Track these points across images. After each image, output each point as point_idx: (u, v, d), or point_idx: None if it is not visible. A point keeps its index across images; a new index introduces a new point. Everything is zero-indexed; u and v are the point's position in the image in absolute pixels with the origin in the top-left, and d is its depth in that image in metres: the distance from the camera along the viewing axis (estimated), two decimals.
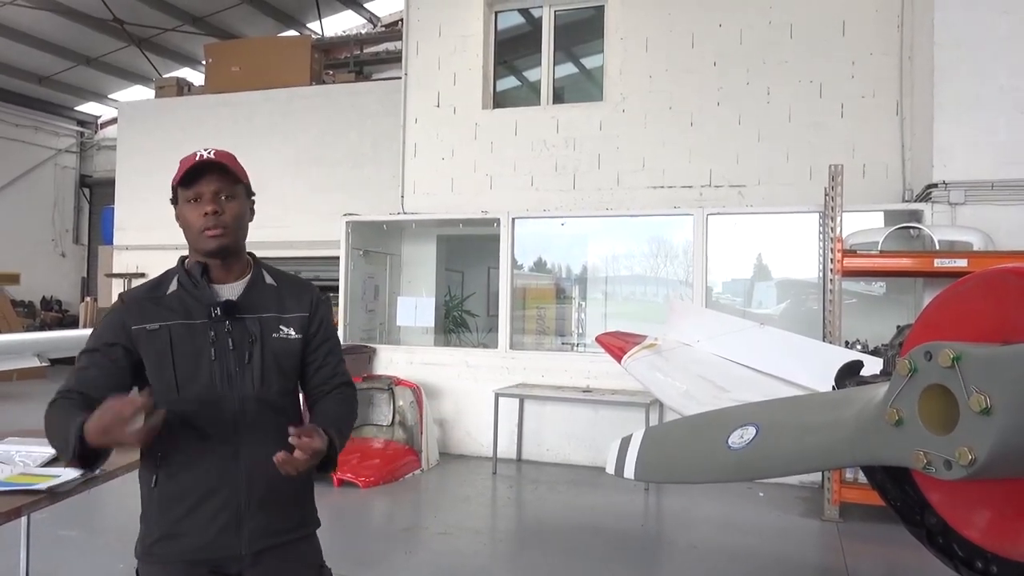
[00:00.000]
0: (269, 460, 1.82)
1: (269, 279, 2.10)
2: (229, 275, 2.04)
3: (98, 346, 1.97)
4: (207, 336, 1.95)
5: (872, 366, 1.99)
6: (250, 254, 2.14)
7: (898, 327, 3.82)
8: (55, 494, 2.70)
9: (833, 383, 1.89)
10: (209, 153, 1.96)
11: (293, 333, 2.04)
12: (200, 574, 1.97)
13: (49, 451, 3.17)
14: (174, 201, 2.03)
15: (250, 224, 2.12)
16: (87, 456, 1.76)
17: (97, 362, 1.95)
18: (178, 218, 2.04)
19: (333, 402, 2.07)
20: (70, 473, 2.87)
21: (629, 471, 1.91)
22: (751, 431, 1.57)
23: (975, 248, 5.94)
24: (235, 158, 2.03)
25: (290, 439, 1.76)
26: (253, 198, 2.12)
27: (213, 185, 1.96)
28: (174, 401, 1.90)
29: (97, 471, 1.94)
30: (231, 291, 2.03)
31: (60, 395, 1.92)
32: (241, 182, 2.02)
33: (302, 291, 2.13)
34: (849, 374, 1.88)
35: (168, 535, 1.95)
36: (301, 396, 2.17)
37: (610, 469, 2.02)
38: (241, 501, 1.95)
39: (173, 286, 2.03)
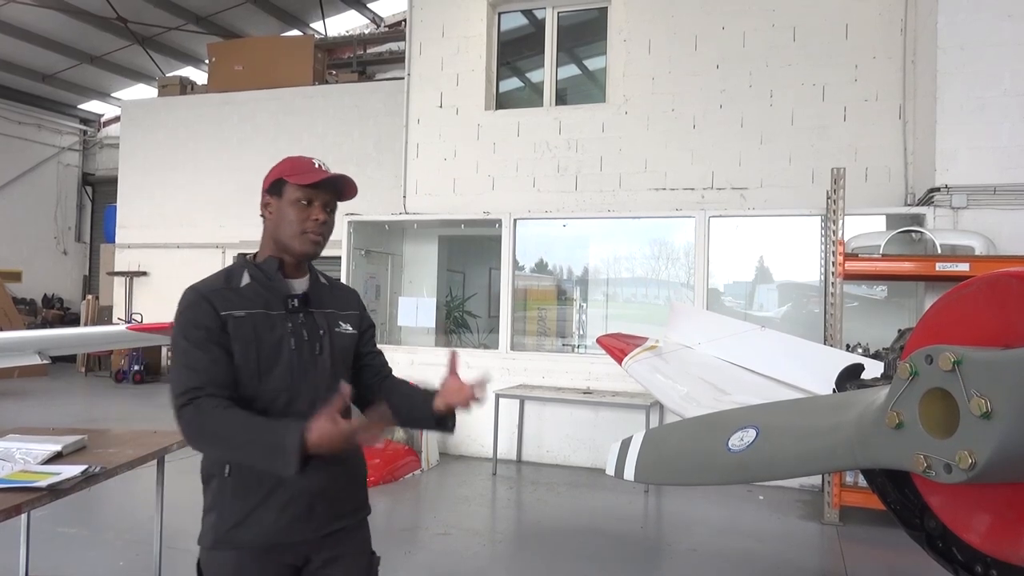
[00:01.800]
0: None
1: (323, 280, 2.25)
2: (297, 272, 2.15)
3: (198, 334, 1.97)
4: (285, 327, 2.05)
5: (873, 370, 1.99)
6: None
7: (899, 331, 3.82)
8: (55, 491, 2.71)
9: (834, 386, 1.89)
10: (327, 168, 2.11)
11: (350, 328, 2.20)
12: (272, 559, 2.02)
13: (50, 448, 3.18)
14: (274, 192, 2.10)
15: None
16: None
17: (209, 355, 1.96)
18: (269, 207, 2.11)
19: (396, 379, 2.33)
20: (69, 471, 2.87)
21: (629, 473, 1.91)
22: (751, 433, 1.57)
23: (977, 252, 5.94)
24: (351, 179, 2.16)
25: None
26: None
27: (327, 196, 2.10)
28: (256, 388, 1.99)
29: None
30: (299, 286, 2.15)
31: (196, 395, 1.90)
32: (340, 200, 2.18)
33: (349, 291, 2.33)
34: (850, 377, 1.87)
35: (244, 522, 1.99)
36: None
37: (610, 471, 2.02)
38: (315, 488, 2.02)
39: (245, 279, 2.09)
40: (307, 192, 2.06)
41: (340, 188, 2.13)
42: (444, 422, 2.22)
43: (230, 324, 1.99)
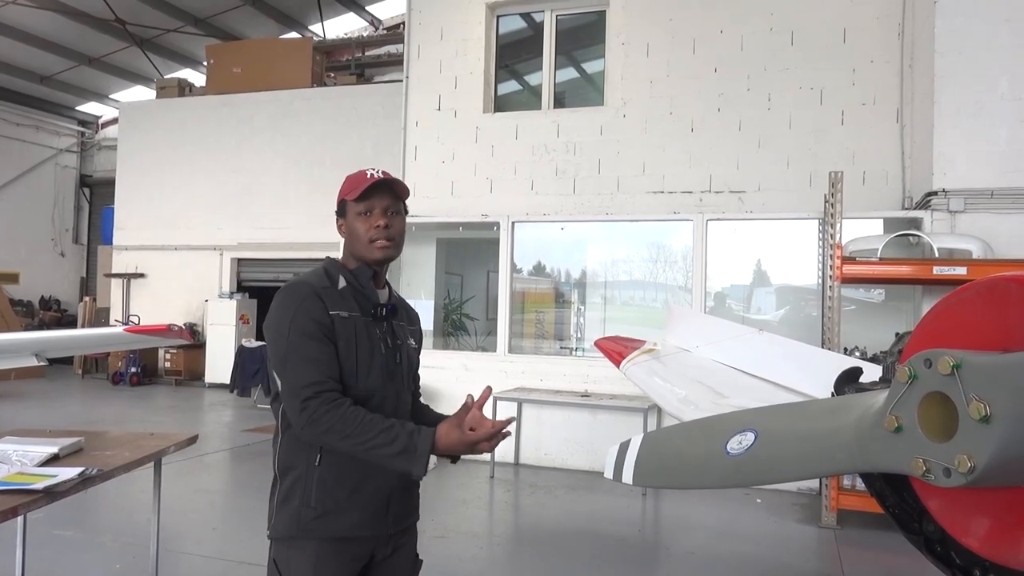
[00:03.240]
0: None
1: (394, 295, 2.33)
2: (381, 283, 2.24)
3: (314, 327, 2.04)
4: (377, 332, 2.15)
5: (871, 373, 1.99)
6: None
7: (897, 334, 3.82)
8: (52, 494, 2.70)
9: (832, 390, 1.89)
10: (379, 173, 2.16)
11: (414, 344, 2.32)
12: (349, 551, 2.09)
13: (46, 450, 3.17)
14: (341, 213, 2.20)
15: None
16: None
17: (327, 348, 2.03)
18: (343, 228, 2.21)
19: (424, 406, 2.39)
20: (66, 473, 2.87)
21: (627, 476, 1.90)
22: (749, 437, 1.57)
23: (974, 256, 5.95)
24: (401, 182, 2.22)
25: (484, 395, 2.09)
26: (407, 213, 2.29)
27: (384, 201, 2.15)
28: (354, 388, 2.06)
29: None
30: (383, 297, 2.23)
31: (321, 388, 1.97)
32: (403, 200, 2.22)
33: (412, 309, 2.41)
34: (848, 381, 1.87)
35: (329, 512, 2.06)
36: None
37: (608, 474, 2.01)
38: (392, 485, 2.12)
39: (343, 282, 2.16)
40: (363, 204, 2.13)
41: (395, 189, 2.18)
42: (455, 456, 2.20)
43: (336, 322, 2.07)
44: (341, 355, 2.05)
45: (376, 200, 2.13)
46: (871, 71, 7.50)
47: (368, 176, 2.14)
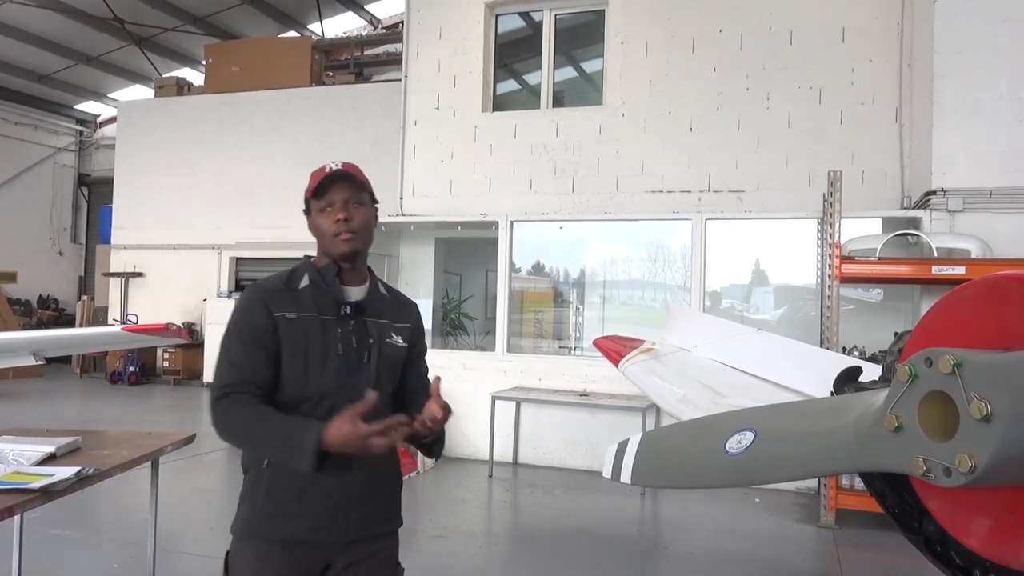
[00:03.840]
0: (378, 455, 1.97)
1: (383, 290, 2.25)
2: (355, 278, 2.17)
3: (248, 333, 2.05)
4: (335, 332, 2.08)
5: (870, 372, 1.98)
6: (368, 266, 2.27)
7: (896, 333, 3.81)
8: (48, 493, 2.69)
9: (832, 389, 1.88)
10: (337, 165, 2.12)
11: (401, 341, 2.20)
12: (295, 556, 2.04)
13: (43, 449, 3.16)
14: (307, 212, 2.16)
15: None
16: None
17: (254, 354, 2.03)
18: (311, 227, 2.17)
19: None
20: (63, 472, 2.86)
21: (626, 475, 1.90)
22: (749, 436, 1.56)
23: (973, 256, 5.95)
24: (360, 169, 2.18)
25: (433, 388, 2.02)
26: (377, 205, 2.25)
27: (343, 194, 2.10)
28: (301, 390, 2.04)
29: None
30: (357, 294, 2.16)
31: (232, 390, 1.98)
32: (366, 190, 2.17)
33: (409, 305, 2.31)
34: (848, 380, 1.86)
35: (276, 515, 2.03)
36: None
37: (607, 473, 2.01)
38: (352, 490, 2.06)
39: (305, 282, 2.13)
40: (323, 199, 2.11)
41: (355, 179, 2.13)
42: (430, 448, 2.17)
43: (281, 325, 2.04)
44: (286, 358, 2.03)
45: (335, 194, 2.09)
46: (870, 71, 7.50)
47: (326, 170, 2.11)
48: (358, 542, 2.10)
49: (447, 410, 2.00)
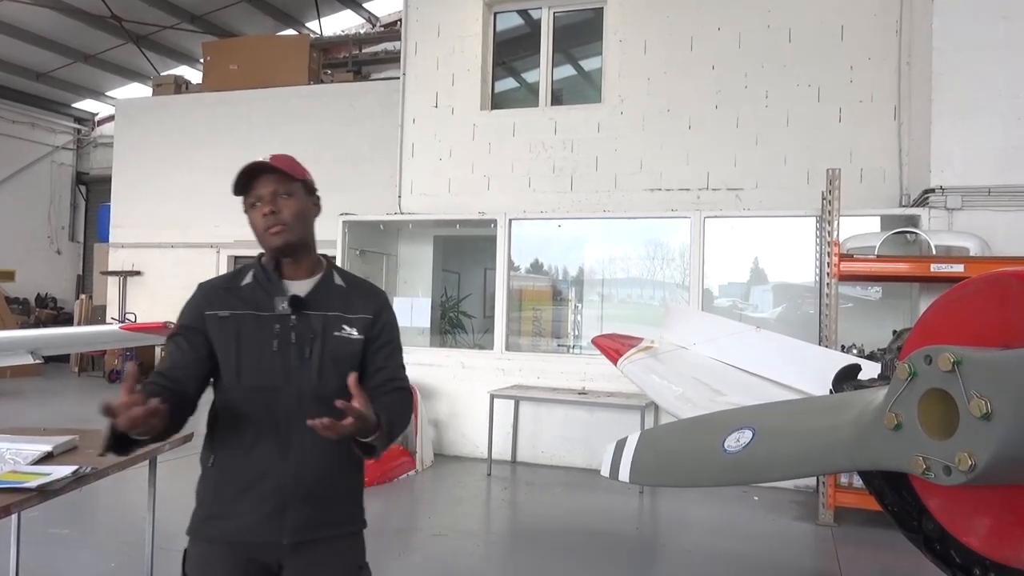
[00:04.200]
0: (320, 454, 1.98)
1: (339, 280, 2.17)
2: (299, 271, 2.12)
3: (180, 331, 2.07)
4: (272, 328, 2.03)
5: (869, 370, 1.98)
6: (325, 256, 2.22)
7: (894, 331, 3.81)
8: (45, 492, 2.68)
9: (831, 387, 1.88)
10: (264, 157, 2.06)
11: (355, 334, 2.10)
12: (239, 559, 2.01)
13: (40, 448, 3.15)
14: (244, 210, 2.12)
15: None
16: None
17: (180, 345, 2.04)
18: (250, 224, 2.12)
19: (389, 399, 2.09)
20: (60, 471, 2.85)
21: (624, 474, 1.90)
22: (748, 434, 1.56)
23: (972, 253, 5.94)
24: (292, 159, 2.11)
25: (349, 382, 1.82)
26: (317, 194, 2.20)
27: (269, 187, 2.04)
28: (236, 388, 2.02)
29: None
30: (301, 287, 2.10)
31: (150, 379, 2.00)
32: (297, 180, 2.10)
33: (371, 294, 2.21)
34: (847, 378, 1.86)
35: (216, 515, 2.02)
36: None
37: (605, 472, 2.00)
38: (288, 491, 2.00)
39: (248, 279, 2.11)
40: (250, 196, 2.05)
41: (279, 170, 2.05)
42: (366, 447, 1.95)
43: (212, 323, 2.03)
44: (220, 356, 2.02)
45: (261, 187, 2.04)
46: (869, 68, 7.49)
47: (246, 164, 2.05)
48: (307, 544, 2.03)
49: (355, 411, 1.77)
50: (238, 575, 2.02)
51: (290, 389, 2.01)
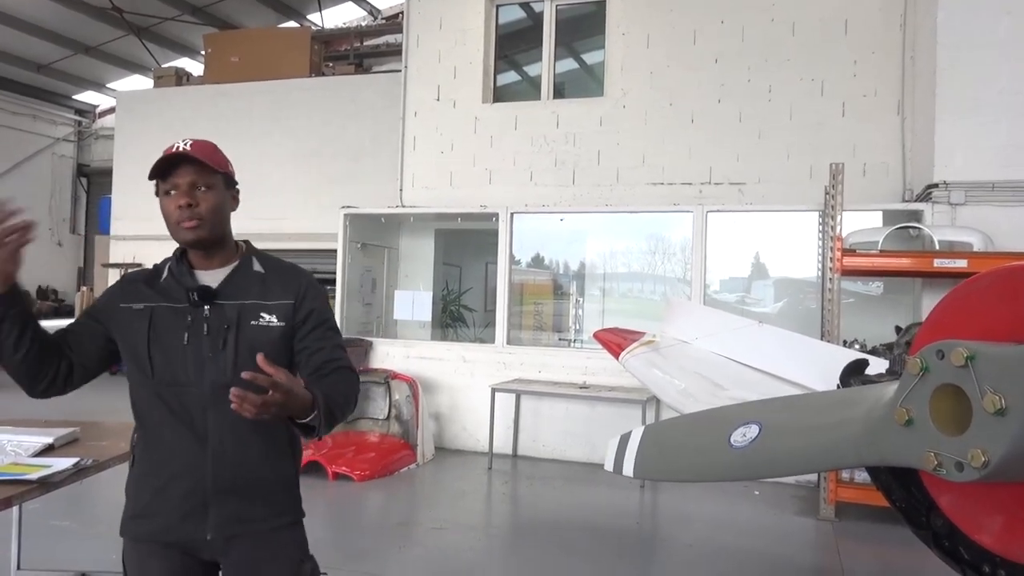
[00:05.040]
0: (239, 447, 1.94)
1: (258, 266, 2.08)
2: (211, 262, 2.05)
3: (90, 311, 2.11)
4: (184, 320, 1.97)
5: (876, 365, 1.97)
6: (245, 242, 2.15)
7: (897, 327, 3.80)
8: (45, 484, 2.68)
9: (838, 381, 1.86)
10: (185, 144, 1.95)
11: (275, 320, 2.00)
12: (173, 555, 1.99)
13: (41, 440, 3.15)
14: (156, 194, 2.03)
15: (233, 213, 2.11)
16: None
17: (84, 322, 2.09)
18: (162, 211, 2.04)
19: (330, 380, 1.97)
20: (61, 464, 2.84)
21: (628, 468, 1.88)
22: (754, 430, 1.55)
23: (975, 249, 5.93)
24: (214, 148, 2.02)
25: (258, 359, 1.65)
26: (236, 187, 2.11)
27: (188, 177, 1.95)
28: (148, 383, 1.98)
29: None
30: (213, 278, 2.04)
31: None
32: (219, 172, 2.00)
33: (291, 278, 2.07)
34: (854, 373, 1.85)
35: (140, 514, 2.01)
36: None
37: (608, 466, 1.99)
38: (207, 486, 1.95)
39: (166, 272, 2.08)
40: (166, 182, 1.96)
41: (200, 159, 1.95)
42: (304, 428, 1.84)
43: (125, 315, 2.02)
44: (130, 350, 2.01)
45: (180, 176, 1.93)
46: (872, 63, 7.46)
47: (172, 149, 1.94)
48: (238, 539, 1.98)
49: (281, 385, 1.63)
50: (176, 570, 2.01)
51: (203, 382, 1.95)
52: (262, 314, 1.99)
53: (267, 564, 2.03)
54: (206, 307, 1.98)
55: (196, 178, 1.95)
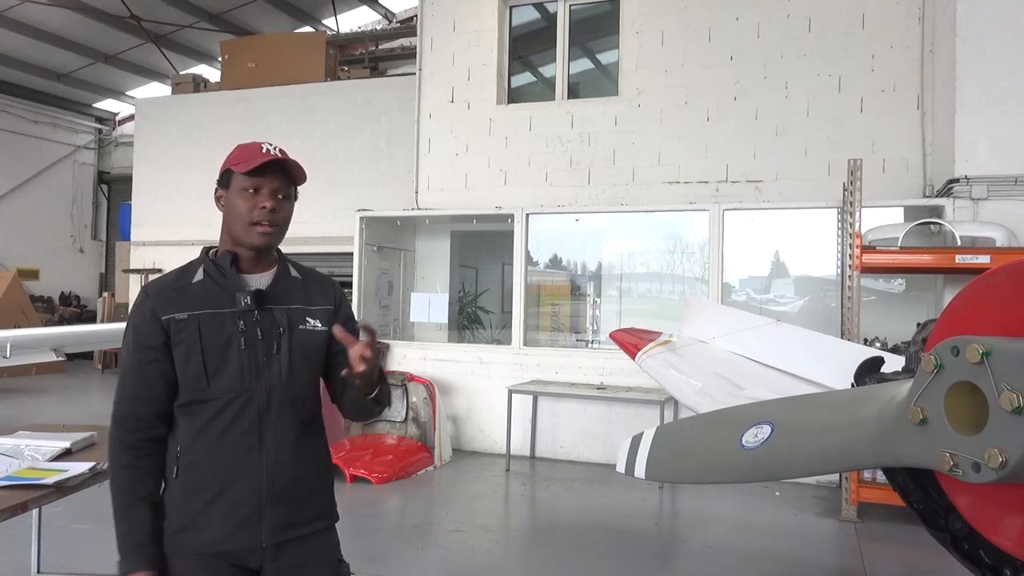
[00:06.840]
0: (291, 452, 1.97)
1: (294, 272, 2.12)
2: (257, 266, 2.04)
3: (139, 352, 1.94)
4: (236, 325, 1.95)
5: (892, 363, 1.92)
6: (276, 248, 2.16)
7: (918, 323, 3.74)
8: (62, 488, 2.69)
9: (852, 380, 1.83)
10: (276, 150, 1.97)
11: (320, 325, 2.05)
12: (221, 566, 1.94)
13: (59, 445, 3.17)
14: (224, 184, 2.00)
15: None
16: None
17: (150, 379, 1.94)
18: (221, 200, 2.01)
19: None
20: (77, 468, 2.86)
21: (640, 470, 1.86)
22: (766, 430, 1.52)
23: (998, 244, 5.83)
24: (298, 164, 2.03)
25: (335, 331, 1.88)
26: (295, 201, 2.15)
27: (276, 183, 1.97)
28: (205, 392, 1.92)
29: None
30: (259, 281, 2.03)
31: (119, 424, 1.93)
32: (295, 185, 2.04)
33: (326, 285, 2.15)
34: (869, 371, 1.81)
35: (188, 527, 1.93)
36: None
37: (620, 468, 1.97)
38: (263, 493, 1.94)
39: (199, 275, 2.01)
40: (252, 180, 1.94)
41: (291, 172, 1.99)
42: (377, 400, 2.01)
43: (172, 328, 1.92)
44: (182, 361, 1.91)
45: (268, 179, 1.94)
46: (890, 57, 7.37)
47: (263, 151, 1.95)
48: (286, 544, 1.98)
49: (371, 343, 1.82)
50: None
51: (260, 387, 1.95)
52: (307, 319, 2.04)
53: (310, 569, 2.04)
54: (256, 311, 1.97)
55: (281, 185, 1.98)
